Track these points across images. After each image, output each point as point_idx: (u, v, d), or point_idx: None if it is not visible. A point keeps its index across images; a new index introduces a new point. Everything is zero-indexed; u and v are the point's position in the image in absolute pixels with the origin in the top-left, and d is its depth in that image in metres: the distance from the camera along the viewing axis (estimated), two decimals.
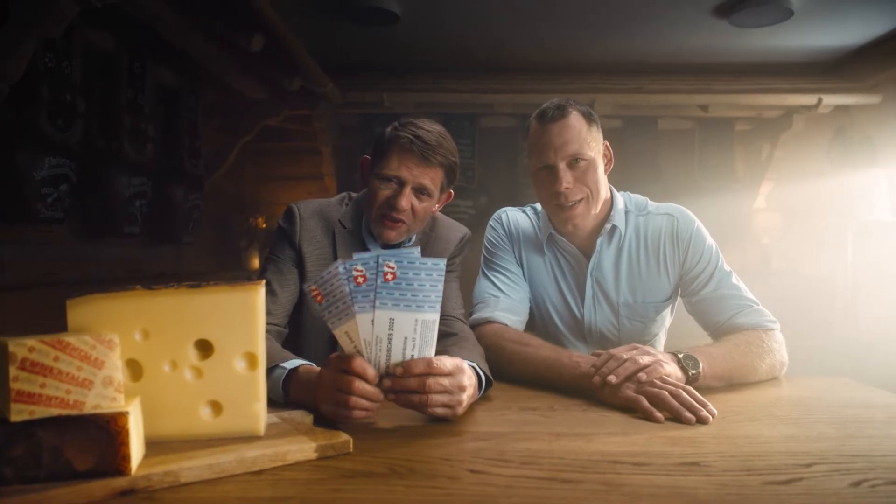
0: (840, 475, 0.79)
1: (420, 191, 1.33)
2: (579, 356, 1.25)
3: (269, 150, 4.43)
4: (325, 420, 0.97)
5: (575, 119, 1.41)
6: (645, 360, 1.13)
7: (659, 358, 1.14)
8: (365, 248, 1.43)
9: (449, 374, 0.97)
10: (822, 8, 2.89)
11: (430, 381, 0.95)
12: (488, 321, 1.45)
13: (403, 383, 0.95)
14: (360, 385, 0.94)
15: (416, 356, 0.96)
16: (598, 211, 1.47)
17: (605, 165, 1.48)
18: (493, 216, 1.66)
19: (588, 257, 1.51)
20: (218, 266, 4.15)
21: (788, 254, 4.38)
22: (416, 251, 0.94)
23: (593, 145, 1.42)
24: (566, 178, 1.40)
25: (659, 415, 1.03)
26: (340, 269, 0.92)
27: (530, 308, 1.58)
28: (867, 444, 0.90)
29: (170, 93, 3.25)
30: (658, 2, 2.89)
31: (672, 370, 1.14)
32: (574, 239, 1.52)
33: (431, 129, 1.33)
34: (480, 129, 4.40)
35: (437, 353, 0.99)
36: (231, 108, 3.82)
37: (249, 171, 4.55)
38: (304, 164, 4.47)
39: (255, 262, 4.26)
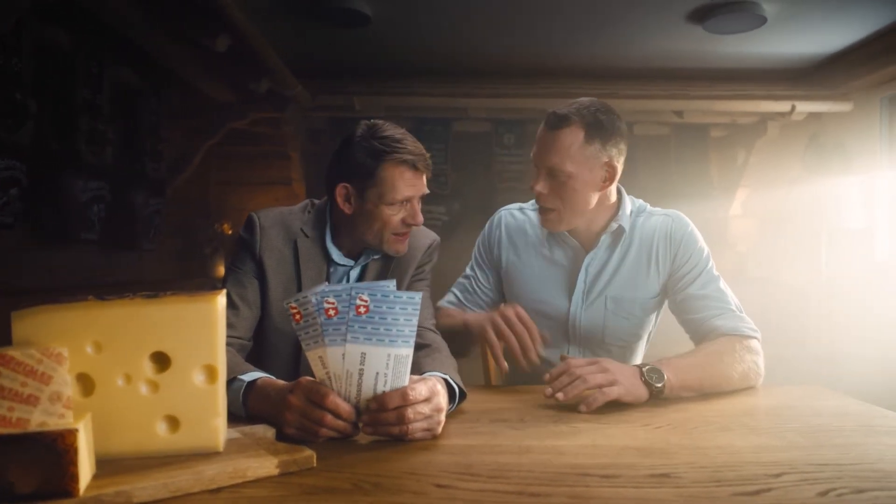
0: (808, 484, 0.79)
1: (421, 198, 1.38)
2: (475, 317, 1.41)
3: (235, 154, 4.33)
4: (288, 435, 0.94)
5: (569, 133, 1.42)
6: (597, 379, 1.15)
7: (615, 378, 1.15)
8: (328, 258, 1.41)
9: (426, 401, 0.95)
10: (794, 16, 2.95)
11: (409, 413, 0.93)
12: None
13: (381, 417, 0.93)
14: (332, 420, 0.93)
15: (387, 391, 0.94)
16: (575, 223, 1.50)
17: (601, 183, 1.47)
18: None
19: (587, 251, 1.54)
20: (181, 273, 4.04)
21: (764, 261, 4.39)
22: (392, 283, 0.92)
23: (581, 161, 1.42)
24: (541, 182, 1.45)
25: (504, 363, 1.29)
26: (313, 300, 0.90)
27: None
28: (836, 453, 0.91)
29: (131, 93, 3.15)
30: (632, 7, 2.91)
31: (624, 392, 1.15)
32: (577, 234, 1.55)
33: (406, 135, 1.34)
34: (453, 134, 4.34)
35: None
36: (196, 111, 3.72)
37: (215, 176, 4.44)
38: (271, 168, 4.39)
39: (221, 269, 4.17)
